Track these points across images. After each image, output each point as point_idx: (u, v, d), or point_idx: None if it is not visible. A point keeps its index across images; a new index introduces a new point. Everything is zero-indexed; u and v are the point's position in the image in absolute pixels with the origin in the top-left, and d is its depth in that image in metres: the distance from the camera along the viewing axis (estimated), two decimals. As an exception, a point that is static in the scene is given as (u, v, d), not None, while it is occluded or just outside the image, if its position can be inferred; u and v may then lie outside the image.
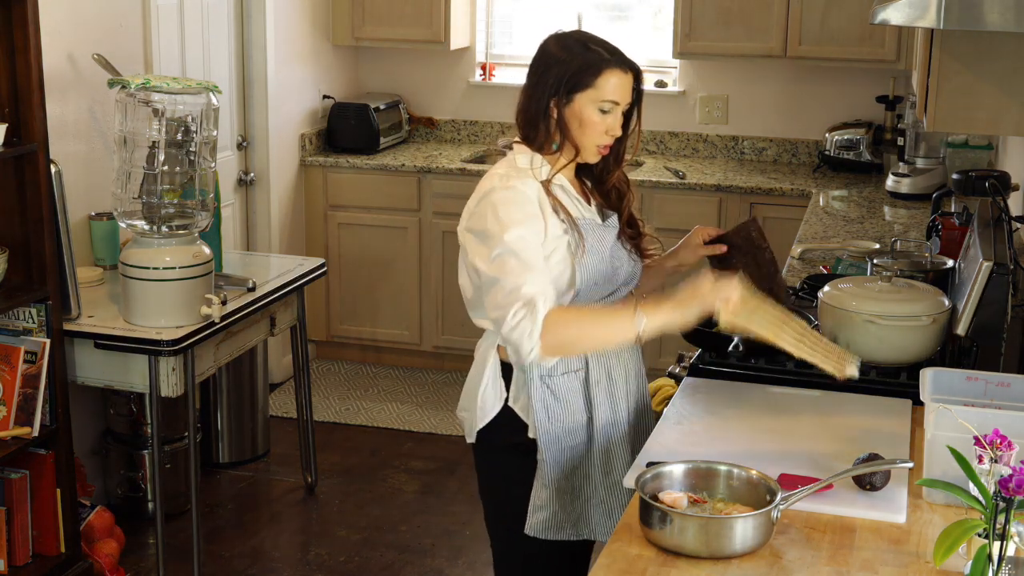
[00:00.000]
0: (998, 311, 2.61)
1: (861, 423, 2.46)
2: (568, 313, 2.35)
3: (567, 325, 2.31)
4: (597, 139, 2.42)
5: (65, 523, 3.59)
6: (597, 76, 2.38)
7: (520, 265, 2.31)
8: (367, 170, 5.58)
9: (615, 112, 2.41)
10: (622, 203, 2.55)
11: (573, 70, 2.38)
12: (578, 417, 2.50)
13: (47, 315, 3.46)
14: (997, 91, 2.56)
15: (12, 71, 3.32)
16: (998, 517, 1.75)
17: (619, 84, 2.39)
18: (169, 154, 3.60)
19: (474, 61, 6.03)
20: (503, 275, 2.31)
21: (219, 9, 5.01)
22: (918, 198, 4.82)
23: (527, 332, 2.27)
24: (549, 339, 2.28)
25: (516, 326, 2.28)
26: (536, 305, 2.27)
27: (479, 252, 2.37)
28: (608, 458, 2.53)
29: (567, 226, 2.41)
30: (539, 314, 2.27)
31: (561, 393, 2.48)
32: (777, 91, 5.68)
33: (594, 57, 2.38)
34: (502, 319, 2.30)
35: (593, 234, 2.45)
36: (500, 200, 2.37)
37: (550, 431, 2.48)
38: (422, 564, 4.07)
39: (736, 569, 1.92)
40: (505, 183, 2.40)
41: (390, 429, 5.13)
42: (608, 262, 2.47)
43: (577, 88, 2.39)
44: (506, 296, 2.30)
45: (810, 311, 2.94)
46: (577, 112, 2.40)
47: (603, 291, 2.48)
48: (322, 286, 5.63)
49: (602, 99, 2.38)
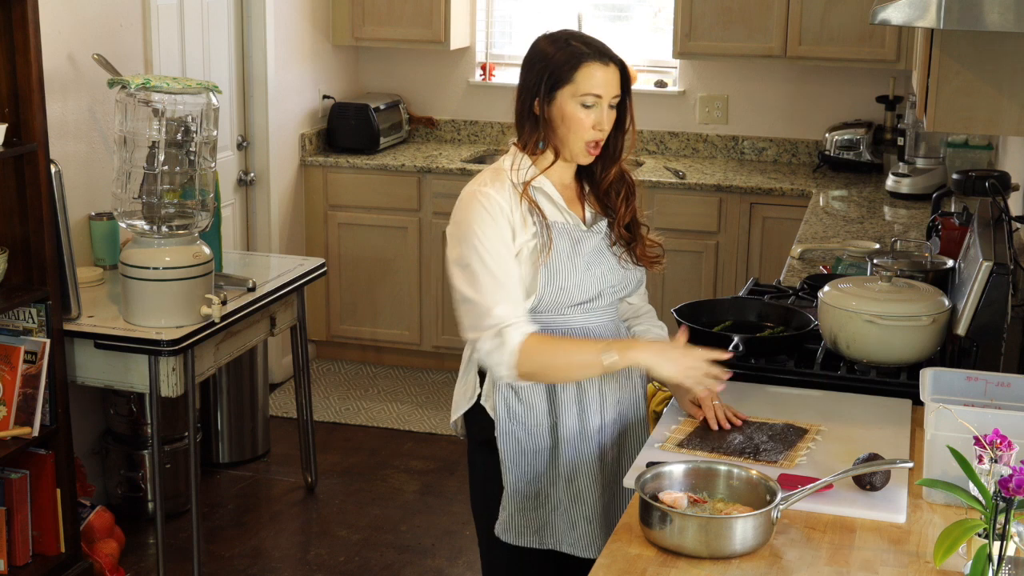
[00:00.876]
0: (998, 311, 2.61)
1: (861, 423, 2.46)
2: (542, 343, 2.38)
3: (540, 354, 2.36)
4: (584, 135, 2.40)
5: (65, 523, 3.59)
6: (575, 70, 2.37)
7: (492, 283, 2.35)
8: (367, 170, 5.58)
9: (599, 106, 2.39)
10: (622, 205, 2.52)
11: (552, 67, 2.38)
12: (541, 420, 2.48)
13: (47, 315, 3.46)
14: (997, 91, 2.56)
15: (12, 71, 3.32)
16: (998, 517, 1.75)
17: (601, 78, 2.38)
18: (169, 154, 3.60)
19: (474, 61, 6.03)
20: (475, 293, 2.36)
21: (219, 9, 5.01)
22: (918, 198, 4.82)
23: (500, 361, 2.35)
24: (522, 368, 2.35)
25: (490, 352, 2.35)
26: (506, 335, 2.33)
27: (455, 266, 2.41)
28: (573, 468, 2.50)
29: (538, 229, 2.41)
30: (510, 343, 2.33)
31: (524, 395, 2.47)
32: (777, 91, 5.68)
33: (571, 51, 2.38)
34: (476, 341, 2.37)
35: (566, 238, 2.44)
36: (474, 209, 2.39)
37: (510, 431, 2.48)
38: (422, 564, 4.07)
39: (736, 569, 1.92)
40: (481, 188, 2.42)
41: (390, 429, 5.13)
42: (582, 270, 2.45)
43: (557, 85, 2.38)
44: (479, 319, 2.36)
45: (810, 311, 2.94)
46: (559, 109, 2.40)
47: (575, 297, 2.46)
48: (322, 286, 5.63)
49: (582, 93, 2.37)
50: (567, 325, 2.47)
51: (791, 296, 3.29)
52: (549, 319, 2.46)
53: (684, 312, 2.89)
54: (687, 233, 5.20)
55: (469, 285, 2.37)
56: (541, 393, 2.48)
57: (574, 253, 2.44)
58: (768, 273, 4.89)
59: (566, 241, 2.44)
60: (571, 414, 2.49)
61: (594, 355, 2.36)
